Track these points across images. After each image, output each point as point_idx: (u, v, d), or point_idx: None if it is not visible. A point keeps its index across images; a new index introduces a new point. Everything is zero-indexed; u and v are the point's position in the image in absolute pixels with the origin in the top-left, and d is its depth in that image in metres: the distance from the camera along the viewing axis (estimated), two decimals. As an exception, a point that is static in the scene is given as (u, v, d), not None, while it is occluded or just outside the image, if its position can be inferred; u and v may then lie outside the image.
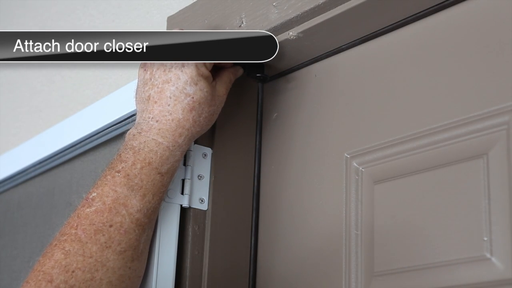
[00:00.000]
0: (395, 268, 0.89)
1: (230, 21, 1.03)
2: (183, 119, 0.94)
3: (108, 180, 0.92)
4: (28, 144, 1.46)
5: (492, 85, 0.84)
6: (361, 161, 0.96)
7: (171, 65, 0.94)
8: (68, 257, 0.88)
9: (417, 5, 0.91)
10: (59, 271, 0.87)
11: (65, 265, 0.87)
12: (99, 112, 1.24)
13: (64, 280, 0.86)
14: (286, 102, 1.07)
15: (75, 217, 0.91)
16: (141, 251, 0.92)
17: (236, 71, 1.03)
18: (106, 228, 0.89)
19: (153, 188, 0.92)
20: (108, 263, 0.88)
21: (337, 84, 1.02)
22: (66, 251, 0.88)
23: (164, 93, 0.94)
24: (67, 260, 0.87)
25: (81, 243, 0.88)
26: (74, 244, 0.88)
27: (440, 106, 0.89)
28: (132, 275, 0.91)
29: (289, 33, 0.98)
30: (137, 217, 0.91)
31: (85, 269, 0.87)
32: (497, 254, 0.80)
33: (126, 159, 0.93)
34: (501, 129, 0.83)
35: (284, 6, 0.96)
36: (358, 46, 1.00)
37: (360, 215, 0.94)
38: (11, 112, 1.64)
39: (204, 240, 1.01)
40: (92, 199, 0.91)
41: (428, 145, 0.89)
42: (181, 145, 0.95)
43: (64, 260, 0.87)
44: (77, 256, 0.88)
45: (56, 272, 0.87)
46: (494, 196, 0.81)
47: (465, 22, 0.88)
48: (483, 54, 0.86)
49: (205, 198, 1.02)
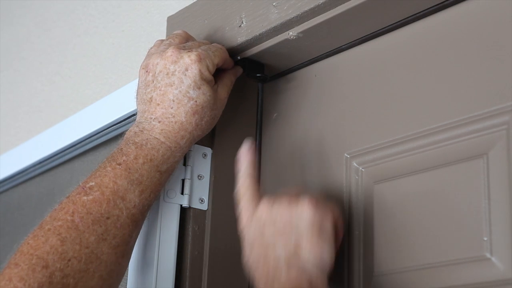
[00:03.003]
0: (395, 268, 0.89)
1: (230, 21, 1.03)
2: (186, 122, 0.94)
3: (108, 172, 0.90)
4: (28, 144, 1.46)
5: (492, 85, 0.84)
6: (361, 161, 0.96)
7: (174, 69, 0.94)
8: (65, 244, 0.85)
9: (417, 5, 0.91)
10: (55, 257, 0.84)
11: (61, 252, 0.85)
12: (99, 112, 1.24)
13: (60, 268, 0.84)
14: (286, 102, 1.07)
15: (70, 203, 0.88)
16: (130, 248, 0.92)
17: (236, 71, 1.03)
18: (103, 220, 0.88)
19: (151, 185, 0.92)
20: (103, 256, 0.87)
21: (337, 84, 1.02)
22: (63, 237, 0.86)
23: (167, 96, 0.94)
24: (63, 248, 0.85)
25: (78, 231, 0.86)
26: (71, 231, 0.86)
27: (440, 106, 0.89)
28: (120, 272, 0.90)
29: (289, 33, 0.98)
30: (133, 212, 0.90)
31: (81, 259, 0.85)
32: (497, 254, 0.80)
33: (128, 152, 0.92)
34: (501, 129, 0.83)
35: (284, 6, 0.96)
36: (358, 46, 1.00)
37: (360, 215, 0.94)
38: (11, 112, 1.64)
39: (204, 240, 1.01)
40: (90, 187, 0.89)
41: (428, 145, 0.89)
42: (182, 147, 0.95)
43: (60, 247, 0.85)
44: (74, 245, 0.86)
45: (51, 258, 0.84)
46: (494, 196, 0.81)
47: (465, 22, 0.88)
48: (483, 54, 0.86)
49: (205, 198, 1.02)
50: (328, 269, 0.86)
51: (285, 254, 0.85)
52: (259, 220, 0.88)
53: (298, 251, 0.85)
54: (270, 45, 1.01)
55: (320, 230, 0.86)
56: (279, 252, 0.86)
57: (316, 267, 0.85)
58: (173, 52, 0.95)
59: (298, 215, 0.86)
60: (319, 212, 0.86)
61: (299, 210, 0.86)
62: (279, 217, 0.87)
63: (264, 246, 0.87)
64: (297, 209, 0.86)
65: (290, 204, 0.87)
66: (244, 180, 0.93)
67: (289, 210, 0.87)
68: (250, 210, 0.90)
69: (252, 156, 0.94)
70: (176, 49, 0.95)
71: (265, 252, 0.87)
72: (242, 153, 0.94)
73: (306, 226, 0.85)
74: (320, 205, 0.87)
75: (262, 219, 0.88)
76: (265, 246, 0.87)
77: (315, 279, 0.84)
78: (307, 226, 0.85)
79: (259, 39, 1.00)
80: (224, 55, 0.99)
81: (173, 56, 0.95)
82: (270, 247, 0.86)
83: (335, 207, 0.90)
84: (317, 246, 0.85)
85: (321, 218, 0.86)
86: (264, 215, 0.88)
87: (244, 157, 0.94)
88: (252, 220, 0.89)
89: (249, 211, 0.90)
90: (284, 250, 0.85)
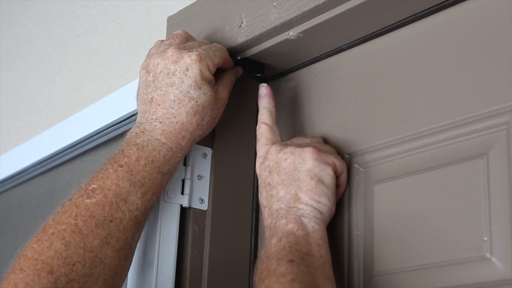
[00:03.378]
0: (395, 268, 0.89)
1: (230, 21, 1.03)
2: (187, 122, 0.94)
3: (110, 174, 0.90)
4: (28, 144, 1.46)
5: (492, 85, 0.84)
6: (361, 161, 0.96)
7: (175, 69, 0.94)
8: (69, 248, 0.85)
9: (417, 5, 0.91)
10: (59, 262, 0.84)
11: (65, 257, 0.84)
12: (99, 112, 1.24)
13: (65, 273, 0.84)
14: (286, 102, 1.07)
15: (73, 206, 0.88)
16: (132, 250, 0.91)
17: (236, 71, 1.03)
18: (106, 223, 0.88)
19: (153, 187, 0.92)
20: (106, 259, 0.87)
21: (337, 84, 1.02)
22: (67, 242, 0.85)
23: (167, 96, 0.94)
24: (67, 252, 0.85)
25: (82, 235, 0.86)
26: (75, 235, 0.86)
27: (440, 106, 0.89)
28: (123, 274, 0.90)
29: (289, 33, 0.98)
30: (135, 214, 0.90)
31: (85, 263, 0.85)
32: (497, 254, 0.80)
33: (130, 154, 0.92)
34: (501, 129, 0.83)
35: (284, 6, 0.96)
36: (358, 46, 1.00)
37: (360, 215, 0.94)
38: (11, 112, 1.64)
39: (204, 240, 1.01)
40: (92, 190, 0.89)
41: (428, 145, 0.89)
42: (183, 148, 0.95)
43: (65, 251, 0.85)
44: (78, 249, 0.85)
45: (56, 263, 0.84)
46: (494, 196, 0.81)
47: (465, 22, 0.88)
48: (483, 54, 0.86)
49: (205, 198, 1.02)
50: (327, 221, 0.90)
51: (286, 204, 0.90)
52: (267, 167, 0.93)
53: (296, 202, 0.89)
54: (270, 45, 1.01)
55: (319, 182, 0.90)
56: (281, 201, 0.90)
57: (313, 219, 0.88)
58: (173, 52, 0.95)
59: (299, 166, 0.91)
60: (320, 164, 0.90)
61: (301, 160, 0.91)
62: (283, 165, 0.91)
63: (270, 194, 0.92)
64: (300, 159, 0.91)
65: (294, 155, 0.91)
66: (259, 126, 0.99)
67: (293, 161, 0.91)
68: (263, 155, 0.95)
69: (267, 102, 1.00)
70: (176, 49, 0.95)
71: (271, 198, 0.91)
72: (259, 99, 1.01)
73: (305, 177, 0.90)
74: (322, 157, 0.91)
75: (270, 166, 0.93)
76: (271, 194, 0.91)
77: (311, 231, 0.87)
78: (306, 178, 0.90)
79: (259, 39, 1.00)
80: (224, 55, 0.99)
81: (174, 56, 0.95)
82: (274, 195, 0.91)
83: (340, 161, 0.93)
84: (315, 198, 0.89)
85: (321, 170, 0.90)
86: (271, 163, 0.93)
87: (260, 103, 1.00)
88: (263, 164, 0.94)
89: (262, 157, 0.95)
90: (285, 199, 0.90)
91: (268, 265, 0.84)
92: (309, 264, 0.84)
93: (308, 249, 0.86)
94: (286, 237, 0.86)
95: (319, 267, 0.84)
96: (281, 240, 0.86)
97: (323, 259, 0.86)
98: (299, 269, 0.82)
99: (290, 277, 0.81)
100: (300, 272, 0.82)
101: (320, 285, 0.82)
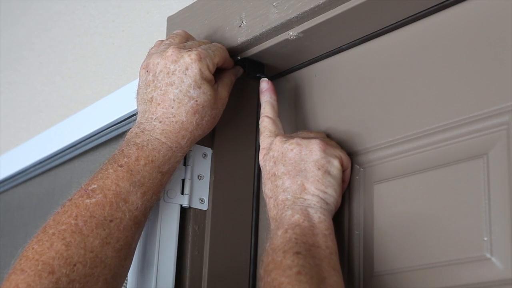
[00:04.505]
0: (395, 268, 0.89)
1: (230, 21, 1.03)
2: (187, 122, 0.94)
3: (110, 174, 0.90)
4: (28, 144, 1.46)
5: (492, 85, 0.84)
6: (361, 161, 0.96)
7: (174, 68, 0.94)
8: (70, 249, 0.85)
9: (417, 5, 0.91)
10: (60, 263, 0.84)
11: (66, 257, 0.84)
12: (99, 112, 1.24)
13: (66, 273, 0.83)
14: (286, 102, 1.07)
15: (73, 206, 0.88)
16: (132, 250, 0.91)
17: (236, 71, 1.03)
18: (106, 223, 0.88)
19: (153, 187, 0.92)
20: (107, 260, 0.87)
21: (337, 84, 1.02)
22: (67, 242, 0.85)
23: (167, 96, 0.94)
24: (68, 252, 0.85)
25: (83, 235, 0.86)
26: (76, 235, 0.86)
27: (440, 106, 0.89)
28: (124, 274, 0.90)
29: (289, 33, 0.98)
30: (135, 214, 0.90)
31: (86, 263, 0.85)
32: (497, 254, 0.80)
33: (129, 154, 0.92)
34: (501, 129, 0.83)
35: (284, 6, 0.96)
36: (358, 46, 1.00)
37: (360, 215, 0.94)
38: (11, 112, 1.64)
39: (204, 240, 1.01)
40: (92, 190, 0.89)
41: (428, 145, 0.89)
42: (183, 147, 0.95)
43: (65, 252, 0.85)
44: (79, 249, 0.85)
45: (57, 264, 0.84)
46: (494, 196, 0.81)
47: (465, 22, 0.88)
48: (483, 54, 0.86)
49: (205, 198, 1.02)
50: (333, 212, 0.91)
51: (292, 195, 0.90)
52: (272, 158, 0.93)
53: (303, 192, 0.90)
54: (270, 45, 1.01)
55: (325, 174, 0.90)
56: (287, 192, 0.90)
57: (319, 209, 0.89)
58: (173, 51, 0.95)
59: (306, 157, 0.91)
60: (327, 156, 0.91)
61: (308, 151, 0.91)
62: (288, 157, 0.92)
63: (275, 184, 0.92)
64: (306, 150, 0.91)
65: (300, 146, 0.92)
66: (261, 120, 0.99)
67: (299, 151, 0.91)
68: (266, 147, 0.95)
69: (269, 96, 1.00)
70: (176, 49, 0.95)
71: (276, 189, 0.91)
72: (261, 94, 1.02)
73: (312, 168, 0.90)
74: (329, 149, 0.92)
75: (274, 157, 0.93)
76: (276, 184, 0.91)
77: (317, 222, 0.88)
78: (313, 169, 0.90)
79: (259, 39, 1.00)
80: (224, 55, 0.99)
81: (174, 56, 0.95)
82: (280, 186, 0.91)
83: (346, 155, 0.93)
84: (321, 188, 0.90)
85: (328, 162, 0.91)
86: (276, 153, 0.93)
87: (262, 98, 1.01)
88: (267, 155, 0.94)
89: (265, 149, 0.95)
90: (291, 190, 0.90)
91: (274, 257, 0.84)
92: (315, 255, 0.84)
93: (314, 240, 0.86)
94: (292, 228, 0.87)
95: (325, 258, 0.85)
96: (287, 231, 0.86)
97: (330, 250, 0.86)
98: (305, 261, 0.83)
99: (296, 270, 0.82)
100: (306, 264, 0.82)
101: (326, 276, 0.83)
